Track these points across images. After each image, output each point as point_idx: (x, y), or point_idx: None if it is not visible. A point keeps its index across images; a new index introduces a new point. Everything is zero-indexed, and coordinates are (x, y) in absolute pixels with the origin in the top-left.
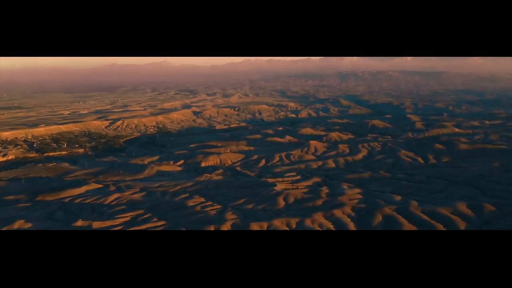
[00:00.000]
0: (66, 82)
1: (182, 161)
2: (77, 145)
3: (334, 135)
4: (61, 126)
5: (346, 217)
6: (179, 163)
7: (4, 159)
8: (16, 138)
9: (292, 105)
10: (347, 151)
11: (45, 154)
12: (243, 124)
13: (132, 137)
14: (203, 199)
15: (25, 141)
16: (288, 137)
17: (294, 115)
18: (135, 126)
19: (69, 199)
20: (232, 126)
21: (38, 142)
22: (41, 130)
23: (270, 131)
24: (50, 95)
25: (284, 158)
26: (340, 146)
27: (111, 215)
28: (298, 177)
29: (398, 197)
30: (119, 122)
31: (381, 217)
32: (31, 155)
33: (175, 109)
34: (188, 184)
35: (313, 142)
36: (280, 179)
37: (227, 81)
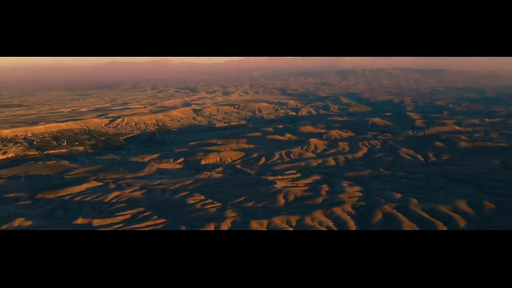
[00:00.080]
0: (66, 80)
1: (182, 159)
2: (77, 143)
3: (334, 133)
4: (61, 124)
5: (346, 215)
6: (179, 161)
7: (4, 157)
8: (16, 136)
9: (292, 103)
10: (347, 149)
11: (45, 152)
12: (243, 122)
13: (132, 135)
14: (203, 197)
15: (25, 139)
16: (288, 135)
17: (294, 113)
18: (135, 124)
19: (69, 197)
20: (232, 124)
21: (38, 140)
22: (41, 128)
23: (270, 129)
24: (50, 93)
25: (284, 156)
26: (340, 144)
27: (111, 213)
28: (298, 175)
29: (398, 195)
30: (119, 120)
31: (381, 215)
32: (31, 153)
33: (175, 107)
34: (188, 182)
35: (313, 140)
36: (280, 177)
37: (227, 79)
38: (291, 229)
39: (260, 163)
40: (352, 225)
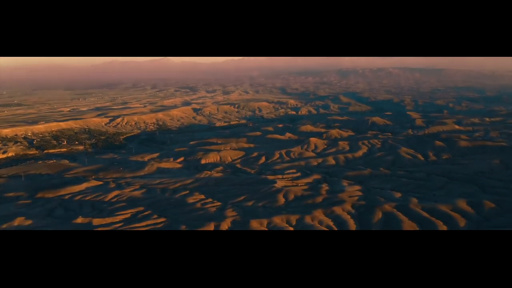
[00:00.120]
0: (66, 79)
1: (182, 158)
2: (77, 142)
3: (334, 132)
4: (61, 123)
5: (346, 214)
6: (179, 160)
7: (4, 156)
8: (16, 135)
9: (292, 102)
10: (347, 148)
11: (45, 151)
12: (243, 121)
13: (132, 134)
14: (203, 196)
15: (25, 138)
16: (288, 134)
17: (294, 112)
18: (135, 123)
19: (69, 196)
20: (232, 123)
21: (38, 139)
22: (41, 127)
23: (270, 128)
24: (50, 92)
25: (284, 155)
26: (340, 143)
27: (111, 212)
28: (298, 174)
29: (398, 194)
30: (119, 119)
31: (381, 214)
32: (31, 152)
33: (175, 106)
34: (188, 181)
35: (313, 139)
36: (280, 176)
37: (227, 78)
38: (291, 228)
39: (260, 163)
40: (352, 224)
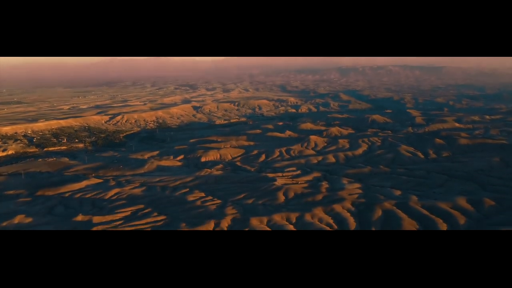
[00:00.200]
0: (66, 77)
1: (182, 156)
2: (77, 140)
3: (334, 130)
4: (61, 121)
5: (346, 212)
6: (179, 158)
7: (4, 154)
8: (16, 133)
9: (292, 100)
10: (347, 146)
11: (45, 149)
12: (243, 119)
13: (132, 132)
14: (203, 194)
15: (25, 136)
16: (288, 132)
17: (294, 110)
18: (135, 121)
19: (69, 194)
20: (232, 121)
21: (38, 137)
22: (41, 125)
23: (270, 126)
24: (50, 90)
25: (284, 153)
26: (340, 141)
27: (111, 210)
28: (298, 172)
29: (398, 192)
30: (119, 117)
31: (381, 212)
32: (31, 150)
33: (175, 104)
34: (188, 179)
35: (313, 137)
36: (280, 174)
37: (227, 76)
38: (291, 226)
39: (260, 160)
40: (352, 222)
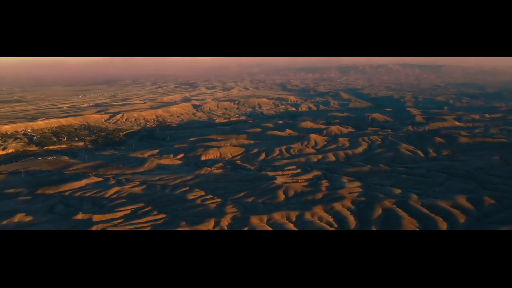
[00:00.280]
0: (66, 76)
1: (182, 155)
2: (77, 139)
3: (334, 129)
4: (61, 120)
5: (346, 211)
6: (179, 157)
7: (4, 153)
8: (16, 132)
9: (292, 99)
10: (347, 145)
11: (45, 148)
12: (243, 118)
13: (132, 131)
14: (203, 193)
15: (25, 135)
16: (288, 131)
17: (294, 109)
18: (135, 120)
19: (69, 193)
20: (232, 120)
21: (38, 136)
22: (41, 124)
23: (270, 125)
24: (50, 89)
25: (284, 152)
26: (340, 140)
27: (111, 208)
28: (298, 171)
29: (398, 191)
30: (119, 116)
31: (381, 210)
32: (31, 149)
33: (175, 103)
34: (188, 178)
35: (313, 136)
36: (280, 173)
37: (227, 75)
38: (291, 225)
39: (260, 159)
40: (352, 221)
